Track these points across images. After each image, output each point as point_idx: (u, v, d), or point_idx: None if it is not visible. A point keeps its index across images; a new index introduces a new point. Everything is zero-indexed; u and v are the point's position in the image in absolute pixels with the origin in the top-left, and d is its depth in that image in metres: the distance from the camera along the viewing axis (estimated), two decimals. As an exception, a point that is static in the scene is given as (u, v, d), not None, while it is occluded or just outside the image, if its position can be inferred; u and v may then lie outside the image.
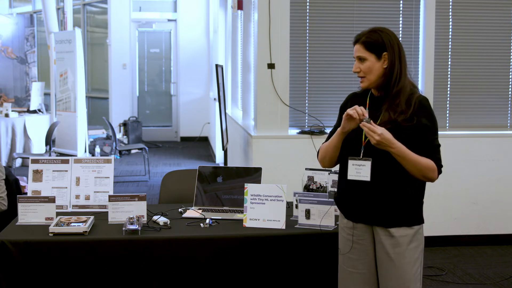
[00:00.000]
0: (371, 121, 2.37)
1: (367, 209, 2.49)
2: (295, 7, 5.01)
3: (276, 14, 4.91)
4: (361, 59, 2.47)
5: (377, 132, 2.32)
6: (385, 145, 2.34)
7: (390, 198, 2.45)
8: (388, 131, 2.34)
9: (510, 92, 5.34)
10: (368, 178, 2.41)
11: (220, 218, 3.13)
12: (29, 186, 3.29)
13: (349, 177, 2.45)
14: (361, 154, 2.45)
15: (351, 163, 2.44)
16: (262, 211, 2.95)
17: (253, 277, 2.86)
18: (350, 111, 2.39)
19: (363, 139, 2.46)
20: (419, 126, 2.41)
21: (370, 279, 2.54)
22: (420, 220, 2.52)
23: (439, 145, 2.47)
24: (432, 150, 2.44)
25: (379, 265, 2.51)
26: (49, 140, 7.85)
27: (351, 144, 2.50)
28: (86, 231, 2.82)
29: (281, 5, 4.92)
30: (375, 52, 2.44)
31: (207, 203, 3.35)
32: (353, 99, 2.62)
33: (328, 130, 5.00)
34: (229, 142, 6.63)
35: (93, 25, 13.12)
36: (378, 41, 2.44)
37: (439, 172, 2.45)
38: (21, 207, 3.02)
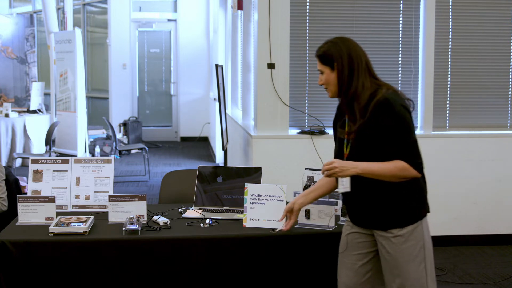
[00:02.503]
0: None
1: (363, 215, 2.56)
2: (295, 7, 5.01)
3: (276, 14, 4.91)
4: (321, 72, 2.58)
5: (332, 165, 2.42)
6: (346, 168, 2.41)
7: (378, 203, 2.49)
8: (339, 160, 2.46)
9: (510, 92, 5.34)
10: (348, 189, 2.49)
11: (220, 218, 3.13)
12: (29, 186, 3.29)
13: (338, 191, 2.56)
14: None
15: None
16: (262, 211, 2.95)
17: (253, 277, 2.86)
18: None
19: (345, 150, 2.54)
20: (381, 128, 2.42)
21: (360, 271, 2.60)
22: (414, 219, 2.49)
23: (413, 141, 2.45)
24: (403, 149, 2.43)
25: (382, 265, 2.55)
26: (49, 140, 7.85)
27: (338, 155, 2.61)
28: (86, 231, 2.82)
29: (281, 5, 4.92)
30: (328, 64, 2.53)
31: (207, 203, 3.35)
32: (337, 110, 2.71)
33: (327, 130, 5.01)
34: (229, 142, 6.63)
35: (93, 25, 13.12)
36: (328, 53, 2.52)
37: (417, 167, 2.44)
38: (21, 207, 3.02)
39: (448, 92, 5.27)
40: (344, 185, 2.49)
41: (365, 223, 2.57)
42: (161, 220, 3.00)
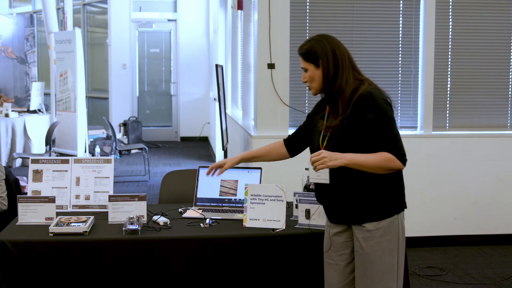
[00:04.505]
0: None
1: (340, 211, 2.56)
2: (295, 7, 5.01)
3: (276, 14, 4.91)
4: (304, 70, 2.61)
5: (321, 156, 2.40)
6: (335, 158, 2.40)
7: (355, 196, 2.49)
8: (327, 151, 2.43)
9: (510, 92, 5.34)
10: (327, 181, 2.49)
11: (220, 218, 3.13)
12: (29, 186, 3.29)
13: (310, 180, 2.57)
14: None
15: (311, 166, 2.49)
16: (262, 211, 2.95)
17: (253, 277, 2.86)
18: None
19: (320, 143, 2.55)
20: (364, 122, 2.43)
21: (344, 271, 2.60)
22: (391, 213, 2.50)
23: (396, 134, 2.46)
24: (387, 142, 2.43)
25: (356, 259, 2.55)
26: (49, 140, 7.85)
27: (312, 147, 2.64)
28: (86, 231, 2.82)
29: (281, 5, 4.92)
30: (313, 62, 2.55)
31: (207, 203, 3.35)
32: (318, 105, 2.75)
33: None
34: (229, 142, 6.63)
35: (93, 25, 13.13)
36: (312, 51, 2.54)
37: (402, 160, 2.45)
38: (21, 207, 3.02)
39: (448, 92, 5.27)
40: (323, 176, 2.48)
41: (341, 218, 2.57)
42: (161, 220, 3.00)
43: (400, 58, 5.18)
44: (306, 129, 2.82)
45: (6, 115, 8.87)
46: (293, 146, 2.93)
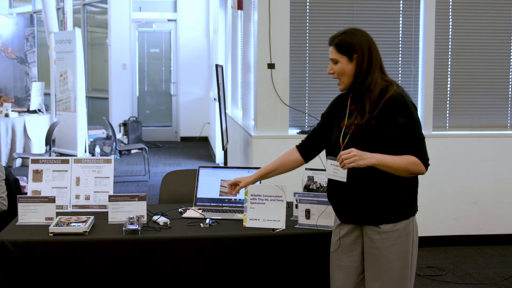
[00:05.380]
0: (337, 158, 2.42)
1: (354, 210, 2.53)
2: (295, 7, 5.01)
3: (276, 14, 4.91)
4: (335, 62, 2.51)
5: (352, 154, 2.35)
6: (364, 158, 2.36)
7: (374, 197, 2.47)
8: (356, 149, 2.37)
9: (510, 92, 5.34)
10: (344, 179, 2.45)
11: (220, 218, 3.13)
12: (29, 186, 3.29)
13: (326, 175, 2.51)
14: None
15: (329, 162, 2.49)
16: (262, 211, 2.95)
17: (253, 277, 2.86)
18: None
19: (341, 141, 2.51)
20: (395, 125, 2.41)
21: (355, 272, 2.58)
22: (408, 214, 2.50)
23: (422, 138, 2.46)
24: (414, 146, 2.43)
25: (366, 260, 2.53)
26: (49, 140, 7.85)
27: (332, 144, 2.58)
28: (86, 231, 2.82)
29: (281, 5, 4.92)
30: (347, 54, 2.48)
31: (207, 203, 3.35)
32: (336, 103, 2.69)
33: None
34: (229, 142, 6.63)
35: (93, 25, 13.12)
36: (349, 44, 2.47)
37: (426, 165, 2.45)
38: (21, 207, 3.02)
39: (448, 92, 5.27)
40: (340, 174, 2.45)
41: (355, 218, 2.53)
42: (161, 220, 3.00)
43: (400, 58, 5.18)
44: (322, 130, 2.73)
45: (6, 115, 8.87)
46: (308, 150, 2.81)
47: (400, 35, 5.16)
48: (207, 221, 3.00)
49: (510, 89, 5.34)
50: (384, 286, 2.47)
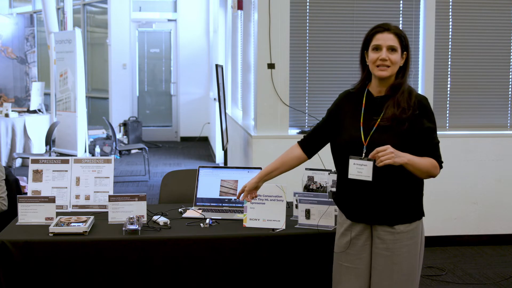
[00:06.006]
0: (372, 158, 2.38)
1: (368, 209, 2.50)
2: (295, 7, 5.01)
3: (276, 14, 4.91)
4: (392, 49, 2.46)
5: (388, 150, 2.32)
6: (398, 156, 2.34)
7: (391, 197, 2.47)
8: (390, 146, 2.35)
9: (510, 92, 5.34)
10: (370, 178, 2.40)
11: (220, 218, 3.13)
12: (29, 186, 3.29)
13: (350, 176, 2.43)
14: (363, 154, 2.45)
15: (352, 162, 2.43)
16: (262, 211, 2.95)
17: (253, 277, 2.86)
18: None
19: (363, 139, 2.46)
20: (422, 128, 2.44)
21: (365, 274, 2.56)
22: (420, 215, 2.55)
23: (439, 142, 2.51)
24: (433, 148, 2.48)
25: (376, 260, 2.52)
26: (49, 140, 7.85)
27: (352, 143, 2.49)
28: (86, 231, 2.82)
29: (281, 5, 4.92)
30: (402, 48, 2.49)
31: (207, 203, 3.35)
32: (343, 99, 2.63)
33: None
34: (229, 142, 6.63)
35: (93, 25, 13.12)
36: (405, 38, 2.50)
37: (440, 167, 2.51)
38: (21, 207, 3.02)
39: (448, 92, 5.27)
40: (365, 173, 2.40)
41: (369, 218, 2.50)
42: (161, 220, 3.00)
43: (400, 58, 5.17)
44: (327, 126, 2.67)
45: (6, 115, 8.87)
46: (310, 145, 2.74)
47: (400, 35, 5.15)
48: (207, 221, 3.00)
49: (510, 89, 5.34)
50: (395, 286, 2.47)
